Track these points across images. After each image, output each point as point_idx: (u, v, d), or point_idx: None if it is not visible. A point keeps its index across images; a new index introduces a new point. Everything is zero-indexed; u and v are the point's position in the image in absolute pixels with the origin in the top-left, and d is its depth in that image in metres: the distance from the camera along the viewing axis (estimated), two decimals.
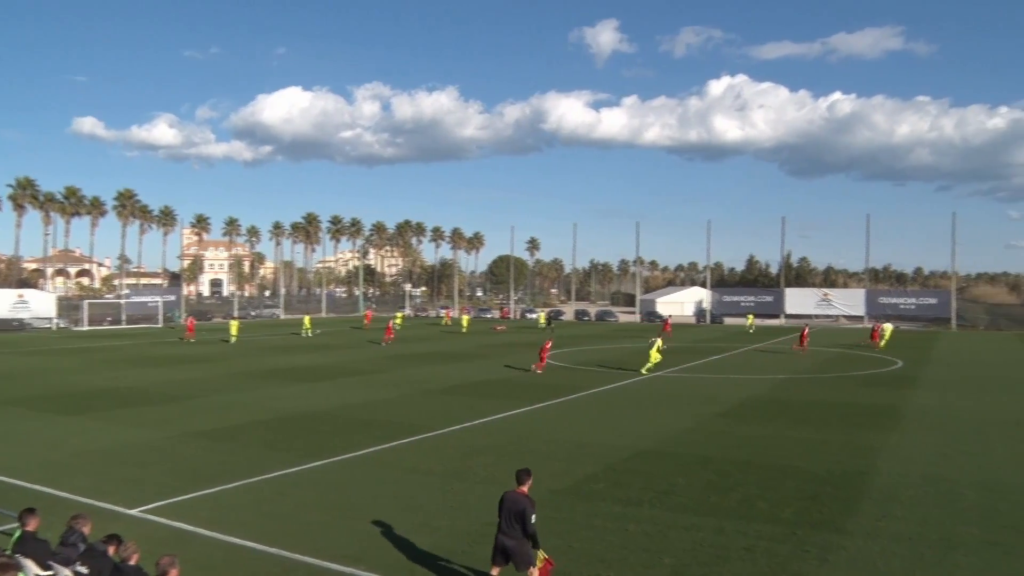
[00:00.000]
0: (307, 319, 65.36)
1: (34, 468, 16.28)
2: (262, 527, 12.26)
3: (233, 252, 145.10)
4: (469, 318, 73.57)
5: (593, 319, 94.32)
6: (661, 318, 78.74)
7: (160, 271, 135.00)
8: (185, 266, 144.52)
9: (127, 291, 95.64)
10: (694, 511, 13.32)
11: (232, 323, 55.29)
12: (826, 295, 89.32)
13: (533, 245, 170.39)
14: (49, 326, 71.60)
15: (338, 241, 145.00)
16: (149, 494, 14.12)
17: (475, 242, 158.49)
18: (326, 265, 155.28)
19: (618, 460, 17.26)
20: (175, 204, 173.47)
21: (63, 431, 20.70)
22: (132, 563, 8.03)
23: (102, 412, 23.65)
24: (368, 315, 77.04)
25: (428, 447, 18.75)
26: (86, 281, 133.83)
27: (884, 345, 49.70)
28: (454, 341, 55.54)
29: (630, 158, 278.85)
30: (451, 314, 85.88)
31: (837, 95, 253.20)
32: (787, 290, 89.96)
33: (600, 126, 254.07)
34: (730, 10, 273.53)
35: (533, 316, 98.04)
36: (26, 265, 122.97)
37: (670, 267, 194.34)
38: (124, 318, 78.87)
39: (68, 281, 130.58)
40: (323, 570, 10.53)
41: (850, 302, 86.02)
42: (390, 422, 22.03)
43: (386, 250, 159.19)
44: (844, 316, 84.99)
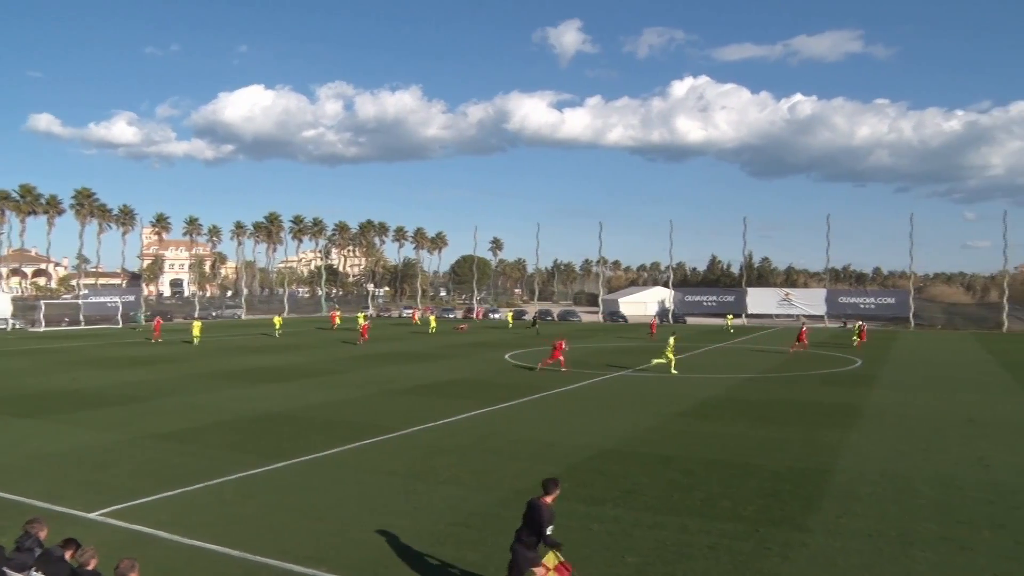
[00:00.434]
0: (278, 319, 64.94)
1: None
2: (224, 529, 12.11)
3: (194, 252, 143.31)
4: (436, 318, 73.30)
5: (556, 319, 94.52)
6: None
7: (119, 271, 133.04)
8: (145, 266, 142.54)
9: (85, 291, 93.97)
10: (657, 510, 13.40)
11: (195, 324, 54.48)
12: (787, 295, 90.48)
13: (496, 245, 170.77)
14: (4, 327, 70.20)
15: (300, 241, 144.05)
16: (108, 497, 13.88)
17: (438, 242, 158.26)
18: (288, 265, 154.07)
19: (581, 460, 17.31)
20: (135, 203, 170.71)
21: (18, 434, 20.27)
22: (90, 568, 7.88)
23: (59, 414, 23.21)
24: (335, 316, 76.55)
25: (391, 448, 18.66)
26: (43, 281, 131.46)
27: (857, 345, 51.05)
28: (419, 341, 55.37)
29: (593, 158, 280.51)
30: (418, 314, 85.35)
31: (798, 97, 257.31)
32: (749, 290, 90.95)
33: (563, 126, 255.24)
34: (692, 12, 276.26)
35: (497, 316, 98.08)
36: None
37: (633, 267, 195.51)
38: (82, 319, 77.60)
39: (24, 281, 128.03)
40: (286, 572, 10.43)
41: (811, 302, 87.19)
42: (353, 423, 21.89)
43: (349, 250, 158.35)
44: (805, 316, 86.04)
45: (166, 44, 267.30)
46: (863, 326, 56.97)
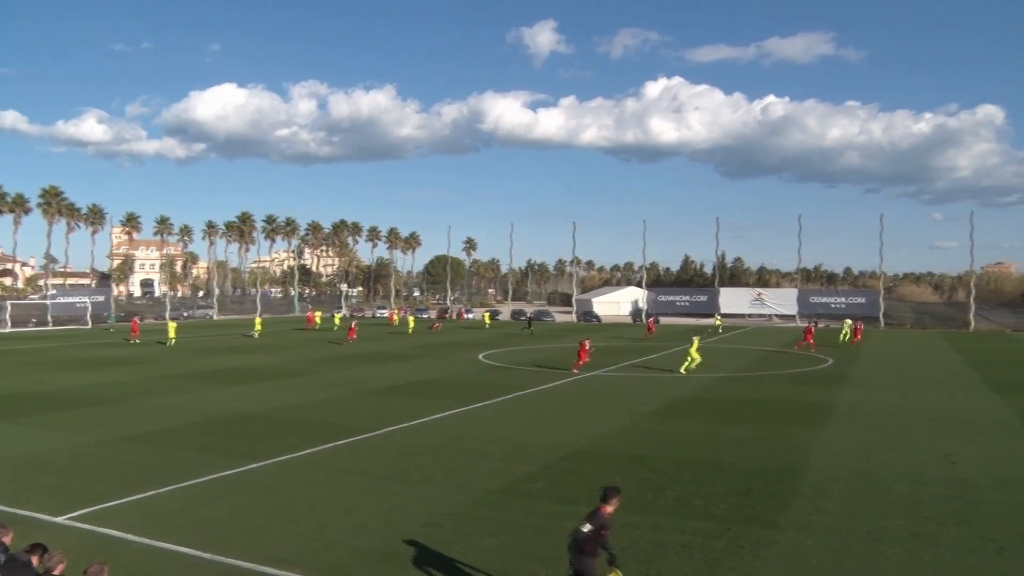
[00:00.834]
0: (258, 320, 64.28)
1: None
2: (195, 532, 11.99)
3: (165, 252, 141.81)
4: (414, 319, 72.93)
5: (531, 318, 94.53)
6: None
7: (88, 271, 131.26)
8: (115, 266, 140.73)
9: (53, 291, 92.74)
10: (631, 509, 13.41)
11: (170, 325, 53.63)
12: (759, 295, 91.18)
13: (470, 245, 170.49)
14: None
15: (273, 241, 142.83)
16: (76, 501, 13.68)
17: (412, 242, 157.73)
18: (261, 265, 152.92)
19: (555, 459, 17.32)
20: (104, 202, 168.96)
21: None
22: (57, 573, 7.77)
23: (25, 417, 22.87)
24: (311, 316, 75.98)
25: (364, 448, 18.57)
26: (8, 281, 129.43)
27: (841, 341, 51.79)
28: (394, 341, 55.18)
29: (567, 159, 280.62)
30: (396, 315, 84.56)
31: (771, 98, 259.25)
32: (721, 290, 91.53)
33: (537, 126, 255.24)
34: (667, 13, 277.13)
35: (470, 316, 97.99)
36: None
37: (606, 267, 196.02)
38: (50, 319, 76.53)
39: None
40: (258, 574, 10.35)
41: (783, 301, 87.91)
42: (326, 424, 21.77)
43: (322, 250, 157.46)
44: (777, 315, 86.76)
45: (137, 41, 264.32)
46: (859, 325, 57.76)
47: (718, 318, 76.51)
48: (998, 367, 38.63)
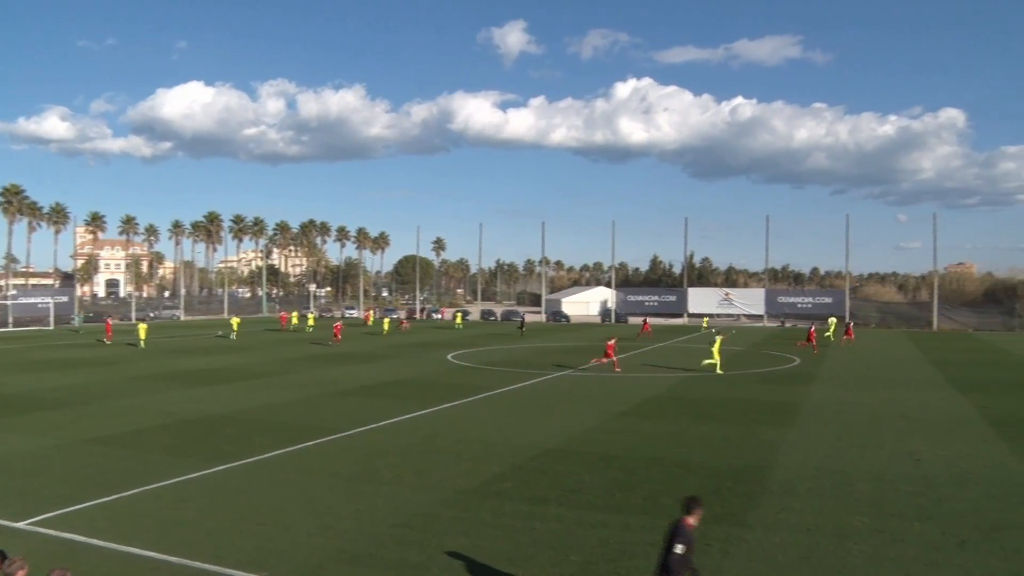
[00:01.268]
0: (235, 321, 63.09)
1: None
2: (162, 535, 11.84)
3: (130, 252, 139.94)
4: (389, 320, 72.34)
5: (499, 319, 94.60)
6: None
7: (51, 271, 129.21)
8: (79, 266, 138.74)
9: (14, 292, 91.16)
10: (600, 508, 13.48)
11: (141, 327, 52.41)
12: (727, 295, 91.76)
13: (439, 245, 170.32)
14: None
15: (241, 241, 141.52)
16: (38, 505, 13.45)
17: (380, 242, 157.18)
18: (228, 265, 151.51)
19: (525, 459, 17.33)
20: (68, 201, 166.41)
21: None
22: None
23: None
24: (284, 317, 75.16)
25: (333, 449, 18.46)
26: None
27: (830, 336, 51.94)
28: (366, 342, 54.86)
29: (536, 159, 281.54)
30: (371, 315, 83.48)
31: (739, 100, 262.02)
32: (690, 290, 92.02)
33: (507, 127, 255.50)
34: (636, 14, 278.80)
35: (438, 316, 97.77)
36: None
37: (575, 267, 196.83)
38: (11, 320, 75.21)
39: None
40: None
41: (750, 301, 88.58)
42: (295, 425, 21.61)
43: (290, 250, 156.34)
44: (744, 315, 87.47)
45: (101, 37, 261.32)
46: (850, 324, 58.16)
47: (706, 321, 77.09)
48: (960, 366, 39.25)
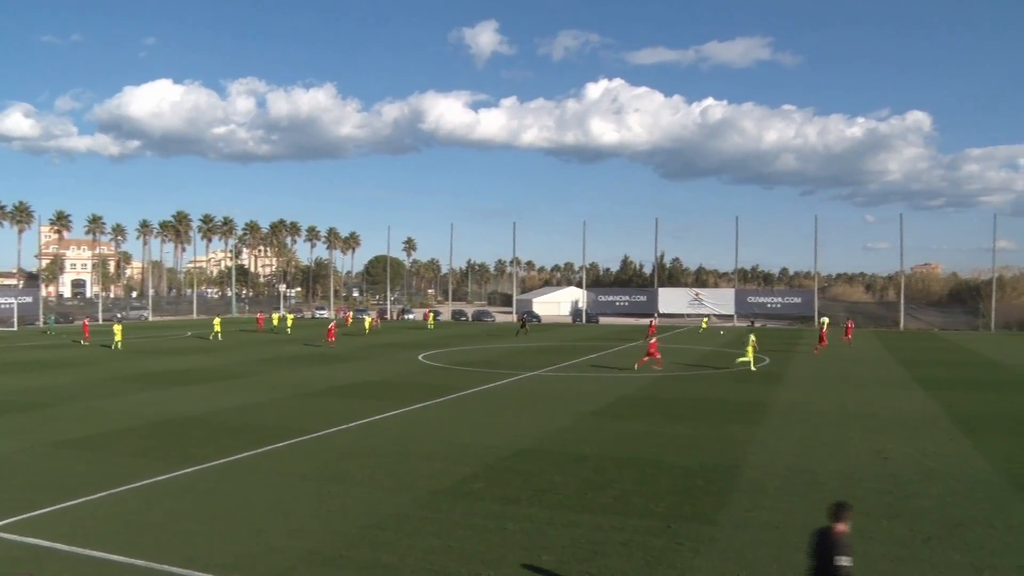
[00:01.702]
0: (217, 322, 61.33)
1: None
2: (130, 539, 11.68)
3: (97, 251, 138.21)
4: (371, 320, 71.71)
5: (470, 319, 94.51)
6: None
7: (15, 271, 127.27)
8: (43, 266, 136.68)
9: None
10: (572, 508, 13.51)
11: (116, 328, 51.12)
12: (697, 295, 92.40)
13: (410, 245, 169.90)
14: None
15: (210, 241, 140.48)
16: (1, 510, 13.21)
17: (351, 242, 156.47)
18: (197, 265, 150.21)
19: (496, 459, 17.33)
20: (32, 200, 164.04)
21: None
22: None
23: None
24: (260, 318, 74.36)
25: (304, 451, 18.34)
26: None
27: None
28: (341, 343, 54.45)
29: (508, 159, 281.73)
30: (350, 317, 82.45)
31: (709, 101, 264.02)
32: (660, 290, 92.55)
33: (479, 127, 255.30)
34: (607, 15, 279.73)
35: (410, 316, 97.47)
36: None
37: (547, 267, 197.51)
38: None
39: None
40: None
41: (720, 301, 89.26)
42: (265, 426, 21.45)
43: (260, 250, 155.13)
44: (715, 315, 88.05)
45: (66, 33, 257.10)
46: (849, 323, 57.52)
47: (704, 321, 76.96)
48: (926, 365, 39.79)
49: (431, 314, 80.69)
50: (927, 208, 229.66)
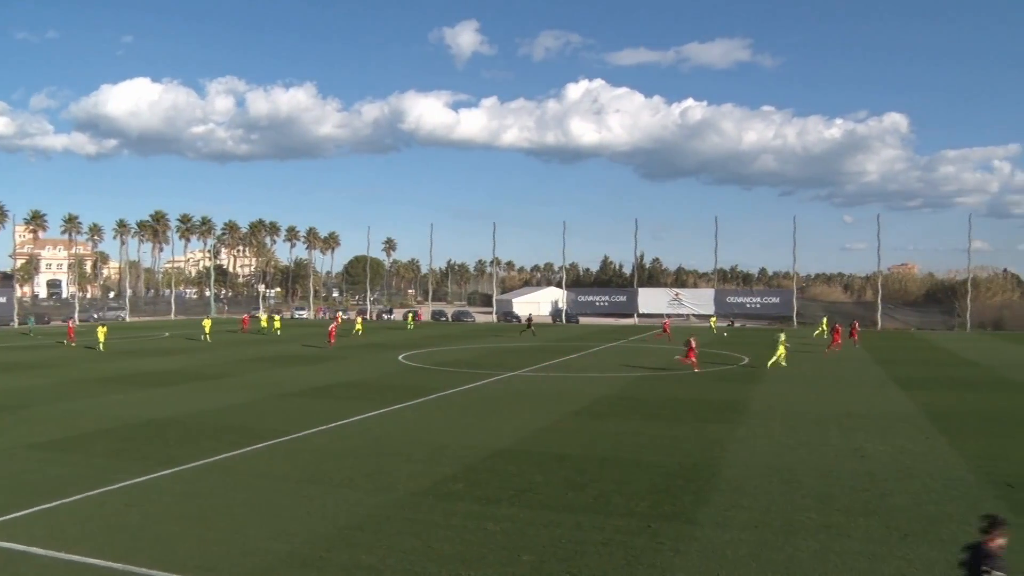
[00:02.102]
0: (207, 323, 59.17)
1: None
2: (106, 541, 11.56)
3: (73, 251, 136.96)
4: (362, 320, 71.19)
5: (450, 319, 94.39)
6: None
7: None
8: (18, 266, 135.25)
9: None
10: (552, 508, 13.51)
11: (100, 329, 50.06)
12: (677, 295, 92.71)
13: (390, 245, 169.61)
14: None
15: (188, 240, 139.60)
16: None
17: (331, 242, 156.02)
18: (175, 265, 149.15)
19: (476, 460, 17.31)
20: (6, 199, 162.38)
21: None
22: None
23: None
24: (246, 319, 73.68)
25: (283, 452, 18.24)
26: None
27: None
28: (317, 343, 54.26)
29: (488, 159, 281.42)
30: (340, 318, 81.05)
31: (689, 102, 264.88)
32: (640, 290, 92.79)
33: (459, 127, 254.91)
34: (588, 16, 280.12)
35: (389, 316, 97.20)
36: None
37: (527, 268, 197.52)
38: None
39: None
40: None
41: (700, 301, 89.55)
42: (244, 427, 21.31)
43: (239, 250, 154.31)
44: (694, 315, 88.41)
45: (41, 30, 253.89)
46: (855, 323, 56.39)
47: (713, 320, 76.57)
48: (903, 364, 40.16)
49: (410, 314, 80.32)
50: (904, 209, 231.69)
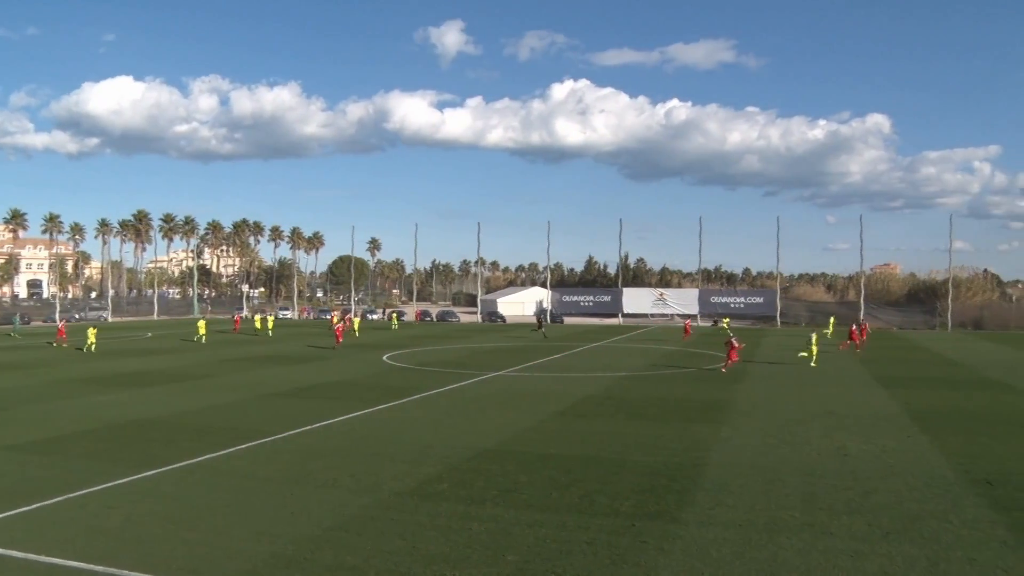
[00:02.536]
0: (201, 323, 57.32)
1: None
2: (86, 544, 11.47)
3: (54, 251, 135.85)
4: (359, 320, 70.60)
5: (435, 319, 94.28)
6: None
7: None
8: None
9: None
10: (536, 508, 13.51)
11: (90, 331, 48.83)
12: (661, 295, 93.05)
13: (374, 245, 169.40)
14: None
15: (171, 240, 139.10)
16: None
17: (315, 242, 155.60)
18: (158, 265, 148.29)
19: (461, 460, 17.29)
20: None
21: None
22: None
23: None
24: (237, 319, 73.06)
25: (266, 452, 18.15)
26: None
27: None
28: (302, 342, 54.07)
29: (473, 159, 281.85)
30: (335, 318, 79.84)
31: (674, 102, 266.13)
32: (624, 290, 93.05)
33: (444, 127, 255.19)
34: (573, 16, 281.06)
35: (373, 316, 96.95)
36: None
37: (511, 268, 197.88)
38: None
39: None
40: None
41: (684, 301, 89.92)
42: (226, 428, 21.20)
43: (222, 250, 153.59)
44: (679, 315, 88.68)
45: (21, 27, 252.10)
46: (864, 324, 54.96)
47: (726, 321, 76.65)
48: (884, 363, 40.42)
49: (395, 314, 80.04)
50: (886, 209, 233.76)
